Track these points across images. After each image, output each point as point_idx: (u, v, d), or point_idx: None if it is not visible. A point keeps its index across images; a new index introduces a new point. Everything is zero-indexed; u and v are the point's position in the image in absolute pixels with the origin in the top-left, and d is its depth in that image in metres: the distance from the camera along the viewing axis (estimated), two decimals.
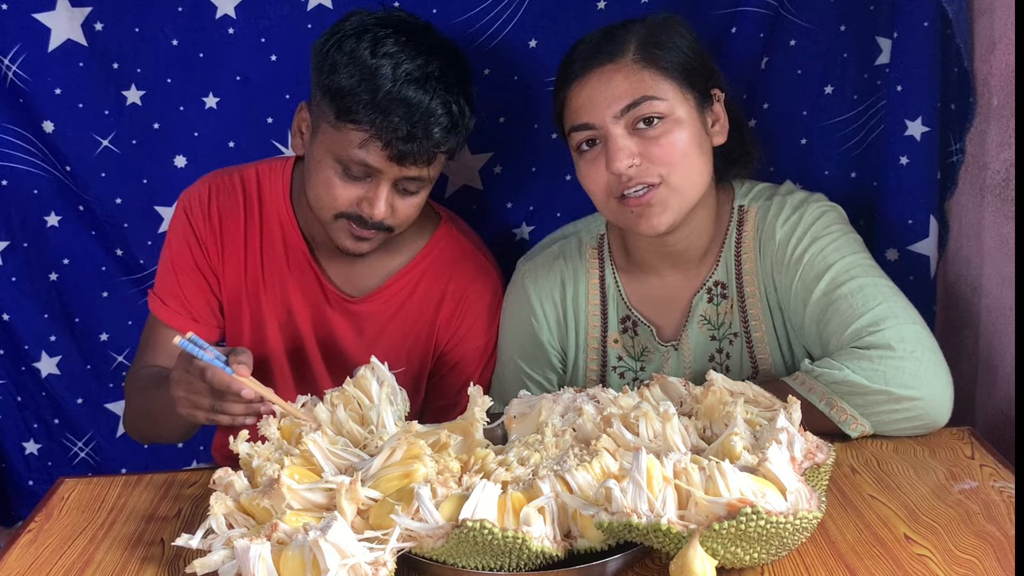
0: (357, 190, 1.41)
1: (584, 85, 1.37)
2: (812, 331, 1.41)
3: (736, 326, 1.49)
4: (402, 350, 1.59)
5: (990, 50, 1.55)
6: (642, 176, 1.34)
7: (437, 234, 1.59)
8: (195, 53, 1.68)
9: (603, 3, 1.67)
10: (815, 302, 1.39)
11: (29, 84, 1.68)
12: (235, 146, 1.74)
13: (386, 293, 1.58)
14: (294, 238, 1.56)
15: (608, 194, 1.39)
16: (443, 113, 1.36)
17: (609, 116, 1.34)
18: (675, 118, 1.35)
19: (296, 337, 1.59)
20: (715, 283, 1.49)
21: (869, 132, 1.73)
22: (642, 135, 1.35)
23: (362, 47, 1.35)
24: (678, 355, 1.52)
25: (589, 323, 1.54)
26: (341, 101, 1.36)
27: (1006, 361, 1.55)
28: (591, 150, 1.39)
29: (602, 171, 1.37)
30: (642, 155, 1.34)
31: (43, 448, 1.92)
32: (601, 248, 1.56)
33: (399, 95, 1.34)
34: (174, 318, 1.55)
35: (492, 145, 1.77)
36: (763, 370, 1.49)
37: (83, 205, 1.77)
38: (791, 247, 1.42)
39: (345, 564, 0.95)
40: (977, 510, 1.17)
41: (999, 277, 1.57)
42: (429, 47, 1.38)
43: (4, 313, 1.83)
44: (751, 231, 1.47)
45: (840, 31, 1.68)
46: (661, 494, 0.97)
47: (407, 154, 1.36)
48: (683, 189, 1.37)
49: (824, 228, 1.42)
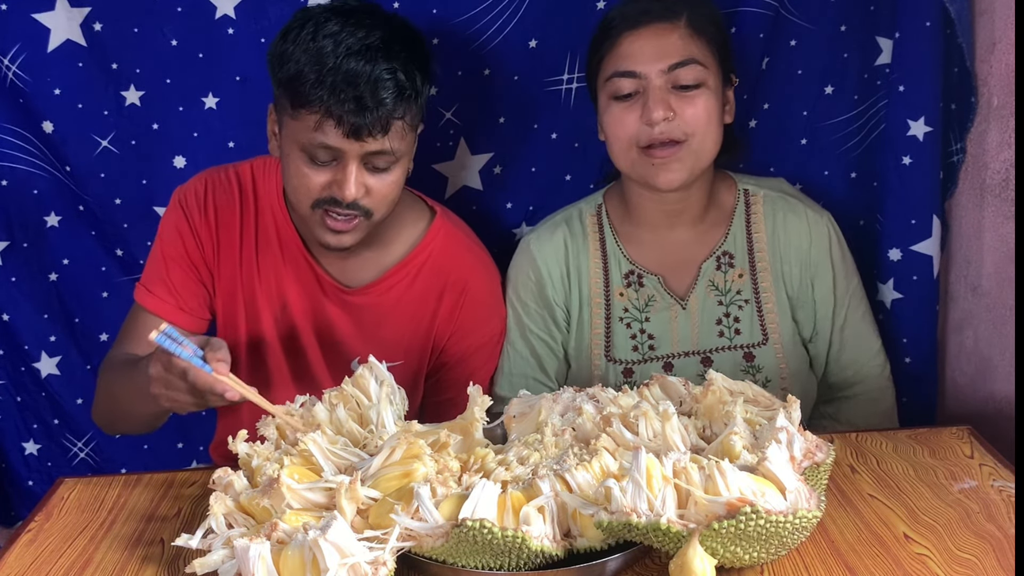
0: (326, 175, 1.41)
1: (638, 36, 1.47)
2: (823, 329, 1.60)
3: (748, 294, 1.59)
4: (401, 343, 1.59)
5: (990, 50, 1.55)
6: (671, 131, 1.45)
7: (434, 227, 1.59)
8: (194, 53, 1.68)
9: (603, 3, 1.67)
10: (833, 320, 1.59)
11: (29, 84, 1.68)
12: (235, 146, 1.74)
13: (384, 285, 1.58)
14: (288, 231, 1.56)
15: (632, 143, 1.48)
16: (389, 79, 1.36)
17: (656, 69, 1.45)
18: (708, 86, 1.47)
19: (292, 328, 1.59)
20: (723, 252, 1.59)
21: (869, 132, 1.73)
22: (679, 95, 1.45)
23: (304, 34, 1.37)
24: (686, 315, 1.58)
25: (592, 278, 1.62)
26: (293, 89, 1.37)
27: (1006, 361, 1.55)
28: (626, 101, 1.48)
29: (634, 120, 1.46)
30: (677, 112, 1.44)
31: (43, 448, 1.92)
32: (599, 215, 1.64)
33: (341, 69, 1.34)
34: (159, 305, 1.55)
35: (492, 145, 1.77)
36: (773, 338, 1.57)
37: (83, 205, 1.77)
38: (813, 256, 1.58)
39: (345, 563, 0.95)
40: (977, 509, 1.17)
41: (999, 277, 1.57)
42: (372, 23, 1.39)
43: (4, 313, 1.83)
44: (760, 214, 1.60)
45: (840, 31, 1.68)
46: (661, 493, 0.97)
47: (361, 126, 1.35)
48: (700, 152, 1.48)
49: (842, 253, 1.60)
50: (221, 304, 1.59)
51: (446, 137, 1.76)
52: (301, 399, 1.30)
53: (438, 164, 1.78)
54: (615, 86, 1.48)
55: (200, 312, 1.58)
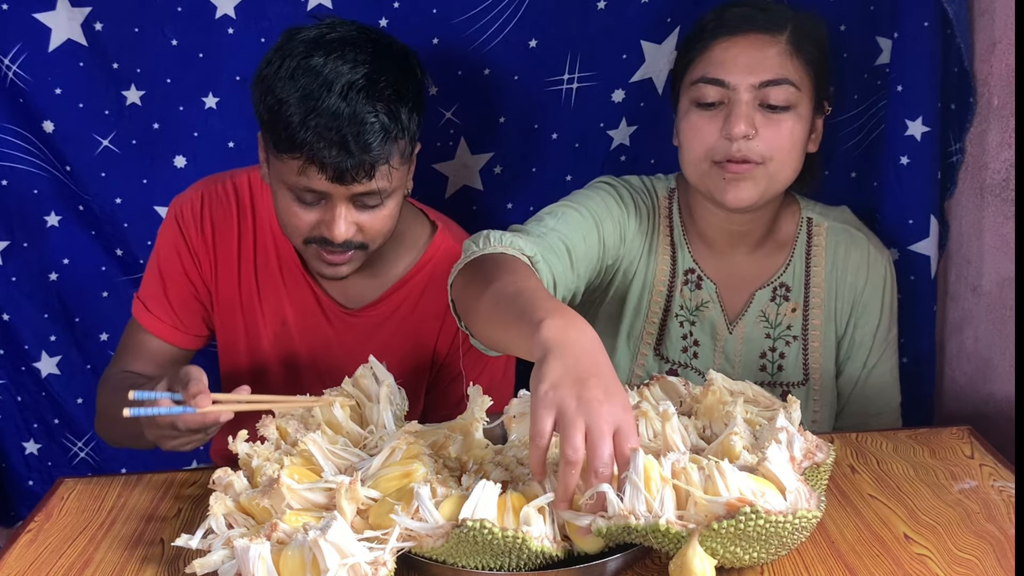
0: (315, 214, 1.37)
1: (733, 44, 1.38)
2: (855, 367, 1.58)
3: (797, 330, 1.54)
4: (404, 362, 1.56)
5: (990, 50, 1.55)
6: (749, 151, 1.37)
7: (435, 242, 1.56)
8: (195, 53, 1.68)
9: (603, 3, 1.67)
10: (865, 363, 1.57)
11: (29, 84, 1.68)
12: (235, 146, 1.74)
13: (385, 304, 1.55)
14: (286, 250, 1.53)
15: (706, 155, 1.40)
16: (374, 121, 1.29)
17: (747, 82, 1.37)
18: (798, 111, 1.39)
19: (291, 347, 1.57)
20: (780, 284, 1.54)
21: (869, 132, 1.73)
22: (765, 114, 1.38)
23: (284, 71, 1.30)
24: (732, 339, 1.54)
25: (659, 264, 1.54)
26: (275, 131, 1.32)
27: (1006, 361, 1.55)
28: (708, 110, 1.40)
29: (713, 131, 1.39)
30: (759, 131, 1.37)
31: (43, 448, 1.92)
32: (672, 202, 1.56)
33: (324, 113, 1.28)
34: (156, 325, 1.54)
35: (492, 145, 1.77)
36: (814, 378, 1.54)
37: (83, 205, 1.77)
38: (865, 295, 1.54)
39: (345, 564, 0.95)
40: (977, 510, 1.17)
41: (999, 277, 1.57)
42: (356, 56, 1.31)
43: (4, 313, 1.83)
44: (821, 246, 1.54)
45: (840, 31, 1.68)
46: (659, 494, 0.97)
47: (345, 172, 1.30)
48: (776, 177, 1.40)
49: (892, 299, 1.57)
50: (220, 322, 1.57)
51: (446, 137, 1.76)
52: (301, 398, 1.30)
53: (438, 164, 1.78)
54: (700, 92, 1.40)
55: (197, 330, 1.57)
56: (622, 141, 1.77)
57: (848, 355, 1.56)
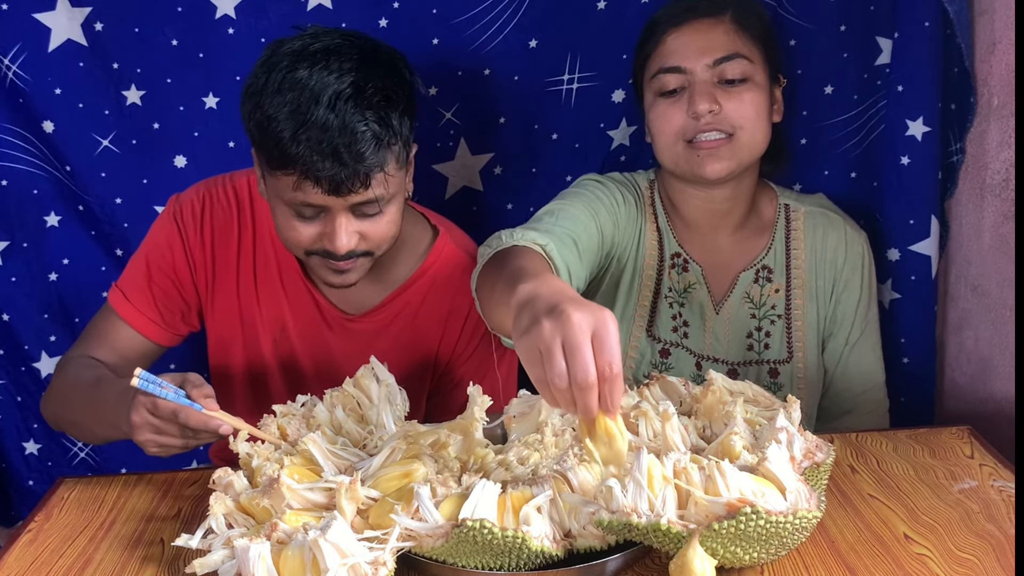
0: (315, 227, 1.36)
1: (681, 33, 1.48)
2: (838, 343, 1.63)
3: (780, 309, 1.60)
4: (405, 368, 1.55)
5: (990, 50, 1.55)
6: (717, 123, 1.46)
7: (436, 247, 1.54)
8: (195, 53, 1.68)
9: (603, 3, 1.67)
10: (847, 339, 1.62)
11: (29, 84, 1.68)
12: (235, 146, 1.74)
13: (386, 310, 1.54)
14: (286, 257, 1.52)
15: (678, 137, 1.48)
16: (365, 130, 1.27)
17: (701, 64, 1.46)
18: (755, 82, 1.48)
19: (291, 353, 1.56)
20: (763, 266, 1.60)
21: (869, 132, 1.73)
22: (725, 90, 1.46)
23: (271, 85, 1.29)
24: (719, 320, 1.59)
25: (647, 249, 1.60)
26: (266, 149, 1.31)
27: (1006, 361, 1.55)
28: (671, 97, 1.49)
29: (679, 115, 1.47)
30: (722, 106, 1.45)
31: (43, 448, 1.92)
32: (653, 190, 1.63)
33: (314, 127, 1.26)
34: (135, 317, 1.51)
35: (492, 145, 1.77)
36: (798, 356, 1.58)
37: (83, 205, 1.77)
38: (845, 272, 1.60)
39: (345, 564, 0.95)
40: (977, 509, 1.17)
41: (999, 277, 1.57)
42: (341, 64, 1.29)
43: (4, 313, 1.83)
44: (800, 230, 1.61)
45: (840, 31, 1.68)
46: (661, 494, 0.97)
47: (341, 183, 1.28)
48: (747, 147, 1.48)
49: (871, 278, 1.63)
50: (216, 327, 1.56)
51: (446, 137, 1.76)
52: (302, 399, 1.30)
53: (438, 164, 1.78)
54: (661, 82, 1.49)
55: (176, 328, 1.55)
56: (622, 141, 1.77)
57: (831, 331, 1.61)
